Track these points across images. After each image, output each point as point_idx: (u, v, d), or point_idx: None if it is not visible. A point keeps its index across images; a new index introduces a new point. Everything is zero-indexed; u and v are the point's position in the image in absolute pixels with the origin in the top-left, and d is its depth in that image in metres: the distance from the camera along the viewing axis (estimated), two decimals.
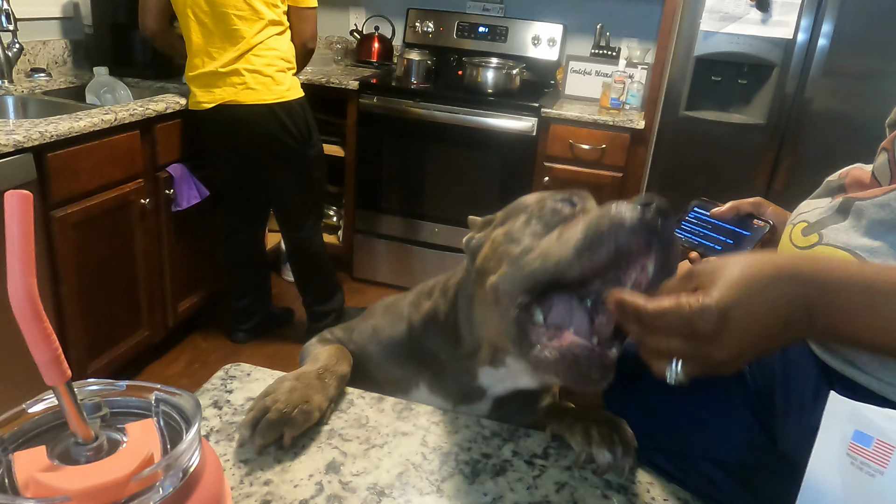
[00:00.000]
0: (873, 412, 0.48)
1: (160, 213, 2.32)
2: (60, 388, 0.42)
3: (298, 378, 0.74)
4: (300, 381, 0.73)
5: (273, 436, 0.68)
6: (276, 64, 2.26)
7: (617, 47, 3.19)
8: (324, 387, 0.75)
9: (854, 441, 0.49)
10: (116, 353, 2.24)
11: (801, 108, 2.43)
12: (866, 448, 0.48)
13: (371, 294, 3.25)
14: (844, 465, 0.49)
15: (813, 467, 0.51)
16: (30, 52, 2.54)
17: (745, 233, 0.92)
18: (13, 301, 0.39)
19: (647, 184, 2.77)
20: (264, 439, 0.67)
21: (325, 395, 0.74)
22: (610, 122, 2.77)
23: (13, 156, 1.71)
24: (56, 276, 1.94)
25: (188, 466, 0.45)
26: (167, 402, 0.49)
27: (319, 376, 0.76)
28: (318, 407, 0.72)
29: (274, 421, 0.68)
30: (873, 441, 0.48)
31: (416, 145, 3.00)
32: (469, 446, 0.72)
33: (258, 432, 0.67)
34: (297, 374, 0.75)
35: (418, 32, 3.40)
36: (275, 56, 2.25)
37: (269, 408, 0.68)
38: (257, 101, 2.23)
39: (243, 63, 2.20)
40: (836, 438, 0.50)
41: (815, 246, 0.69)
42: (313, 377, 0.75)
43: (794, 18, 2.34)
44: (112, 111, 2.04)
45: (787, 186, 2.52)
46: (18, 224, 0.39)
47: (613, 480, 0.69)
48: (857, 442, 0.48)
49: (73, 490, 0.40)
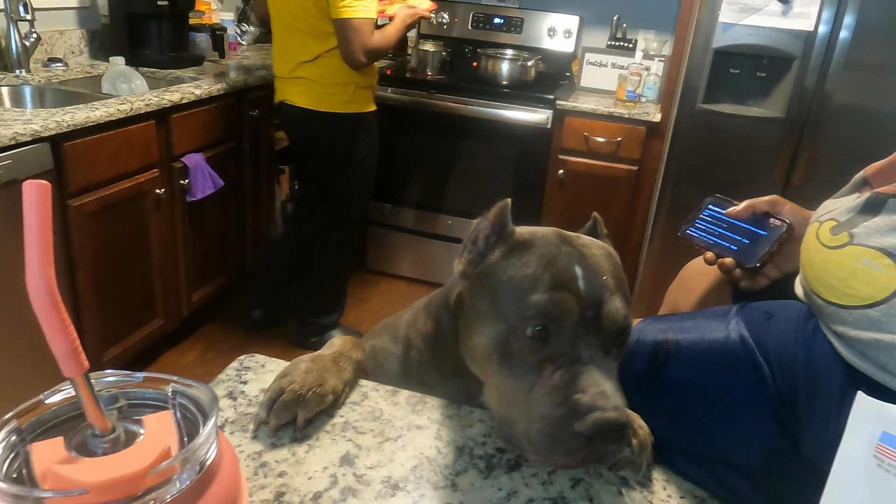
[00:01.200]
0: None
1: (175, 203, 2.33)
2: (78, 379, 0.42)
3: (314, 360, 0.74)
4: (316, 364, 0.74)
5: (288, 416, 0.69)
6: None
7: (633, 39, 3.16)
8: (339, 370, 0.75)
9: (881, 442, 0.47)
10: (131, 342, 2.26)
11: (821, 101, 2.40)
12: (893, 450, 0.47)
13: (384, 286, 3.26)
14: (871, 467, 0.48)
15: (838, 469, 0.50)
16: (47, 41, 2.56)
17: (762, 232, 0.90)
18: (31, 292, 0.39)
19: (662, 177, 2.75)
20: (279, 419, 0.68)
21: (339, 378, 0.75)
22: (626, 114, 2.75)
23: (30, 145, 1.72)
24: (72, 264, 1.95)
25: (205, 459, 0.44)
26: (184, 394, 0.49)
27: (335, 360, 0.76)
28: (332, 389, 0.73)
29: (288, 402, 0.69)
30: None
31: (431, 137, 2.99)
32: (484, 441, 0.72)
33: (273, 413, 0.68)
34: (313, 356, 0.76)
35: (433, 24, 3.38)
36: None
37: (284, 389, 0.69)
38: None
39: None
40: (863, 439, 0.48)
41: (846, 246, 0.67)
42: (329, 360, 0.76)
43: (815, 10, 2.31)
44: (128, 101, 2.05)
45: (806, 181, 2.48)
46: (37, 214, 0.38)
47: (629, 477, 0.69)
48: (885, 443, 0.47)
49: (91, 483, 0.40)
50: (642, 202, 2.91)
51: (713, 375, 0.75)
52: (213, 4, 3.29)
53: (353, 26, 2.16)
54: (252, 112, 2.68)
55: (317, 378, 0.72)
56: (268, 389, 0.71)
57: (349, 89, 2.32)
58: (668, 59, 2.92)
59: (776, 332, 0.74)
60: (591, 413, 0.57)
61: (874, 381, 0.63)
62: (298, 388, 0.69)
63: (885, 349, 0.61)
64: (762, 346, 0.73)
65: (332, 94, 2.31)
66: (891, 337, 0.60)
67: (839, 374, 0.66)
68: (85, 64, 2.65)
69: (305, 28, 2.25)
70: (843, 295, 0.65)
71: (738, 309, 0.80)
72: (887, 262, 0.63)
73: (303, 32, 2.26)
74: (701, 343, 0.77)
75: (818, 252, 0.71)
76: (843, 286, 0.66)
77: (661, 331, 0.80)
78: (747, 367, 0.73)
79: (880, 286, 0.62)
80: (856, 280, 0.64)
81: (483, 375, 0.69)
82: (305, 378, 0.71)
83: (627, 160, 2.82)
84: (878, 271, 0.63)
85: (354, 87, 2.33)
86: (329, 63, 2.28)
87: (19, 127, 1.68)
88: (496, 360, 0.66)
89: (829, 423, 0.65)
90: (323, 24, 2.22)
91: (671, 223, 2.68)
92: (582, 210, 2.92)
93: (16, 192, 1.69)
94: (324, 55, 2.27)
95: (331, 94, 2.31)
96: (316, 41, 2.26)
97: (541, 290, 0.64)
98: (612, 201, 2.90)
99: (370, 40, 2.20)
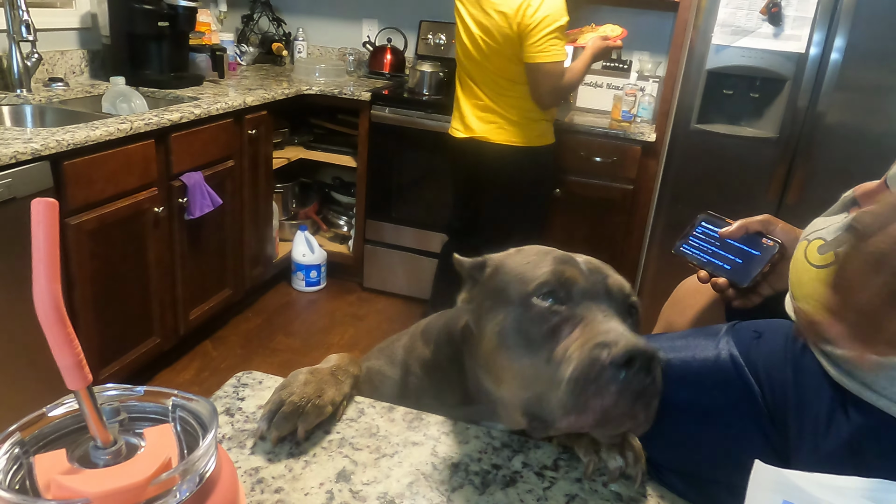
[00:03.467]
0: (804, 480, 0.44)
1: (173, 222, 2.34)
2: (82, 392, 0.42)
3: (312, 373, 0.75)
4: (314, 376, 0.74)
5: (288, 428, 0.69)
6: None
7: (628, 60, 3.20)
8: (337, 383, 0.76)
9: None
10: (127, 360, 2.26)
11: (813, 121, 2.43)
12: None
13: (381, 304, 3.26)
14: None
15: None
16: (48, 61, 2.58)
17: (755, 252, 0.91)
18: (38, 306, 0.40)
19: (657, 197, 2.77)
20: (280, 431, 0.69)
21: (338, 390, 0.75)
22: (621, 134, 2.77)
23: (31, 164, 1.74)
24: (70, 282, 1.96)
25: (205, 471, 0.45)
26: (184, 407, 0.49)
27: (333, 373, 0.77)
28: (330, 401, 0.73)
29: (289, 413, 0.69)
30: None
31: (428, 156, 3.02)
32: (479, 457, 0.72)
33: (274, 425, 0.69)
34: (311, 369, 0.76)
35: (430, 44, 3.42)
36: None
37: (284, 401, 0.70)
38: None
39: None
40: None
41: (832, 265, 0.68)
42: (327, 373, 0.76)
43: (806, 32, 2.34)
44: (128, 120, 2.07)
45: (800, 201, 2.51)
46: (44, 231, 0.39)
47: (624, 493, 0.69)
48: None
49: (93, 493, 0.40)
50: (638, 221, 2.93)
51: (704, 394, 0.76)
52: (213, 25, 3.33)
53: (545, 71, 2.24)
54: (251, 131, 2.70)
55: (316, 390, 0.72)
56: (267, 402, 0.71)
57: (542, 125, 2.43)
58: (663, 80, 2.95)
59: (766, 350, 0.74)
60: (618, 343, 0.57)
61: (861, 400, 0.64)
62: (298, 400, 0.70)
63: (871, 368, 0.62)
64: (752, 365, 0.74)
65: (528, 129, 2.41)
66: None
67: (827, 393, 0.67)
68: (85, 83, 2.67)
69: (497, 69, 2.34)
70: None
71: (729, 328, 0.81)
72: None
73: (495, 74, 2.35)
74: (692, 362, 0.78)
75: (806, 271, 0.72)
76: None
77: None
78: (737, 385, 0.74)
79: None
80: None
81: (501, 374, 0.69)
82: (304, 390, 0.71)
83: (623, 179, 2.84)
84: None
85: (546, 122, 2.45)
86: (524, 100, 2.37)
87: (20, 146, 1.70)
88: (511, 343, 0.66)
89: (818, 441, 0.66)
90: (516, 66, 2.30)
91: (666, 242, 2.69)
92: (579, 228, 2.94)
93: (15, 211, 1.70)
94: (519, 94, 2.36)
95: (526, 129, 2.41)
96: (509, 83, 2.35)
97: (544, 266, 0.67)
98: (608, 220, 2.92)
99: (560, 83, 2.29)
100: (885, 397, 0.61)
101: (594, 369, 0.57)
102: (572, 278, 0.66)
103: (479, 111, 2.44)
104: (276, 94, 2.82)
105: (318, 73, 3.28)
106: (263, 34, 3.72)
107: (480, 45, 2.33)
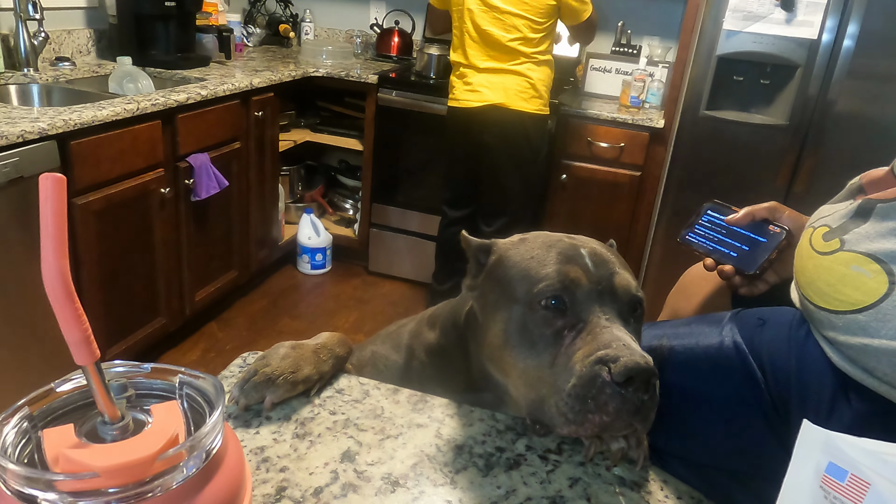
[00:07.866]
0: (849, 443, 0.45)
1: (179, 203, 2.34)
2: (90, 367, 0.43)
3: (294, 347, 0.76)
4: (295, 351, 0.75)
5: (255, 398, 0.70)
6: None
7: (638, 45, 3.17)
8: (317, 361, 0.76)
9: (827, 473, 0.45)
10: (133, 341, 2.27)
11: (824, 109, 2.41)
12: (840, 483, 0.45)
13: (386, 288, 3.27)
14: (817, 499, 0.46)
15: (784, 499, 0.48)
16: (55, 41, 2.58)
17: (762, 239, 0.91)
18: (46, 282, 0.40)
19: (665, 183, 2.76)
20: (247, 399, 0.70)
21: (316, 368, 0.75)
22: (629, 120, 2.76)
23: (38, 143, 1.74)
24: (76, 262, 1.96)
25: (211, 448, 0.45)
26: (191, 384, 0.50)
27: (315, 351, 0.77)
28: (304, 378, 0.73)
29: (259, 383, 0.70)
30: (847, 475, 0.44)
31: (435, 140, 3.00)
32: (483, 439, 0.72)
33: (243, 392, 0.70)
34: (295, 343, 0.77)
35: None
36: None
37: (257, 371, 0.71)
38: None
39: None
40: (810, 469, 0.46)
41: (837, 252, 0.68)
42: (309, 350, 0.77)
43: (819, 18, 2.32)
44: (134, 101, 2.06)
45: (809, 189, 2.49)
46: (52, 207, 0.39)
47: (627, 477, 0.69)
48: (831, 475, 0.45)
49: (101, 467, 0.41)
50: (644, 208, 2.92)
51: (707, 381, 0.76)
52: (220, 6, 3.31)
53: (592, 20, 2.50)
54: (257, 113, 2.70)
55: (292, 365, 0.73)
56: (245, 369, 0.73)
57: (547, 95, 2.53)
58: (672, 66, 2.93)
59: (769, 338, 0.74)
60: (618, 360, 0.58)
61: (863, 387, 0.64)
62: (270, 372, 0.71)
63: (873, 354, 0.62)
64: (755, 352, 0.74)
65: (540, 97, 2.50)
66: (879, 342, 0.61)
67: (830, 380, 0.67)
68: (92, 63, 2.67)
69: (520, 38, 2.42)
70: (833, 300, 0.66)
71: (733, 315, 0.80)
72: (875, 268, 0.63)
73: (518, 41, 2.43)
74: (695, 349, 0.78)
75: (810, 258, 0.72)
76: (833, 291, 0.66)
77: (656, 337, 0.81)
78: (741, 373, 0.74)
79: (869, 291, 0.63)
80: (845, 285, 0.65)
81: (506, 368, 0.69)
82: (281, 364, 0.72)
83: (630, 165, 2.83)
84: (867, 277, 0.63)
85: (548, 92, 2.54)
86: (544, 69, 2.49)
87: (27, 125, 1.70)
88: (515, 342, 0.67)
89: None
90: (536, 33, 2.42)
91: (673, 229, 2.68)
92: (584, 214, 2.93)
93: (23, 189, 1.71)
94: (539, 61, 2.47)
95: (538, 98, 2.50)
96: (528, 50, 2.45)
97: (549, 265, 0.67)
98: (615, 206, 2.91)
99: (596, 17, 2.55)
100: (887, 384, 0.61)
101: (594, 386, 0.59)
102: (577, 280, 0.66)
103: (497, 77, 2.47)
104: (282, 76, 2.81)
105: (325, 55, 3.26)
106: (270, 15, 3.70)
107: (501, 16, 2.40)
